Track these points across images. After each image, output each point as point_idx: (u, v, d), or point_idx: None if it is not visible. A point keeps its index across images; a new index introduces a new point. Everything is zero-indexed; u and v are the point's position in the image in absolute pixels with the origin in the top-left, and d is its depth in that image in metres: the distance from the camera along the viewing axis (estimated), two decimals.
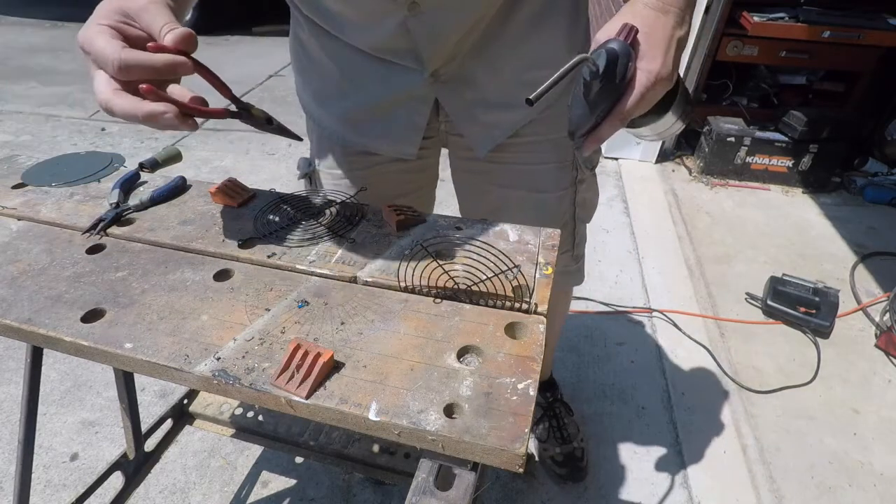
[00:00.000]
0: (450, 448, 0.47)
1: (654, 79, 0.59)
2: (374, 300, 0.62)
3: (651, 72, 0.59)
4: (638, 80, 0.59)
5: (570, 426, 1.47)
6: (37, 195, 0.82)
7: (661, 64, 0.59)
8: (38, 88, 3.92)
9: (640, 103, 0.60)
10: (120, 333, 0.57)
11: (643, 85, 0.59)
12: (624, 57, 0.58)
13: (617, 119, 0.61)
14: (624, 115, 0.60)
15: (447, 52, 0.77)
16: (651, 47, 0.59)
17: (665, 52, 0.59)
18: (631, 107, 0.60)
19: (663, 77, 0.60)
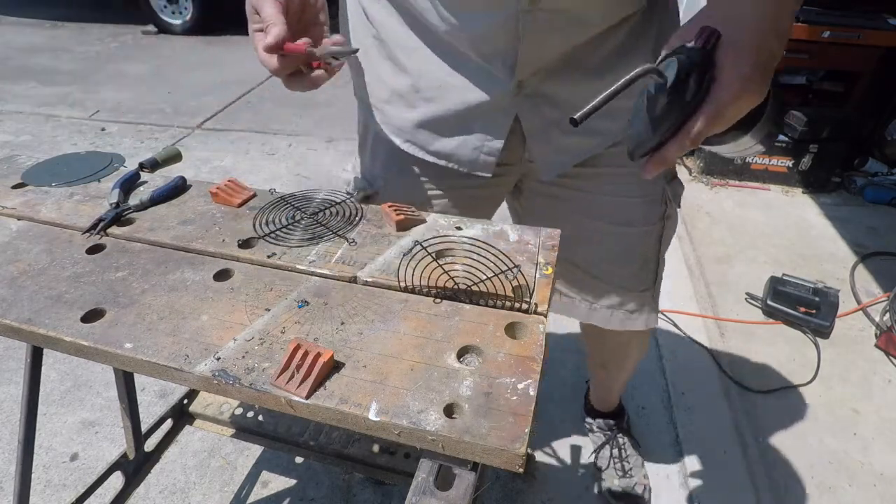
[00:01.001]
0: (450, 448, 0.47)
1: (735, 94, 0.50)
2: (374, 300, 0.62)
3: (732, 86, 0.49)
4: (715, 96, 0.50)
5: (632, 459, 1.39)
6: (37, 195, 0.82)
7: (747, 78, 0.49)
8: (38, 88, 3.92)
9: (716, 122, 0.51)
10: (120, 333, 0.57)
11: (721, 102, 0.50)
12: (699, 67, 0.49)
13: (686, 139, 0.53)
14: (695, 135, 0.52)
15: (542, 61, 0.74)
16: (735, 56, 0.50)
17: (753, 63, 0.49)
18: (704, 126, 0.51)
19: (748, 93, 0.50)
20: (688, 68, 0.50)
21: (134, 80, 4.13)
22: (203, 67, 4.38)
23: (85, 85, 4.00)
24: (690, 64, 0.50)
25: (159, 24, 5.21)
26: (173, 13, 5.17)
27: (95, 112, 3.54)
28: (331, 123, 3.36)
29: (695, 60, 0.50)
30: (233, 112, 3.55)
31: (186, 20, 5.16)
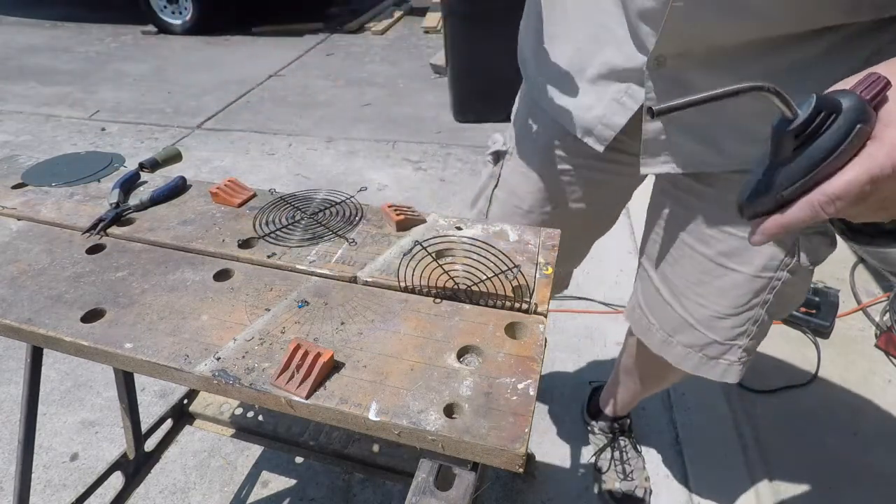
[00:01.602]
0: (450, 448, 0.47)
1: (894, 166, 0.38)
2: (374, 300, 0.62)
3: (894, 153, 0.38)
4: (871, 156, 0.39)
5: (634, 461, 1.37)
6: (37, 195, 0.82)
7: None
8: (37, 88, 3.92)
9: (867, 195, 0.40)
10: (120, 333, 0.57)
11: (878, 167, 0.38)
12: (850, 113, 0.39)
13: (817, 203, 0.41)
14: (827, 199, 0.40)
15: (693, 42, 0.63)
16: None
17: None
18: (847, 192, 0.40)
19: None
20: (830, 109, 0.40)
21: (134, 80, 4.13)
22: (203, 67, 4.38)
23: (85, 85, 4.00)
24: (833, 105, 0.40)
25: (159, 24, 5.22)
26: (173, 13, 5.17)
27: (95, 112, 3.54)
28: (330, 123, 3.36)
29: (842, 104, 0.40)
30: (233, 112, 3.55)
31: (186, 20, 5.16)
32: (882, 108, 0.40)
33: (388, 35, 5.38)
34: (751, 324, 0.83)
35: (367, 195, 0.82)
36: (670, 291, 0.88)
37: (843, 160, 0.40)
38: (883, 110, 0.40)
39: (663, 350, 0.92)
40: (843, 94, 0.40)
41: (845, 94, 0.40)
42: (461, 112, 3.32)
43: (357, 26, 5.45)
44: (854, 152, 0.40)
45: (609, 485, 1.34)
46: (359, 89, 3.94)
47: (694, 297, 0.84)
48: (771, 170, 0.44)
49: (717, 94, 0.41)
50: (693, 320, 0.86)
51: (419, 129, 3.29)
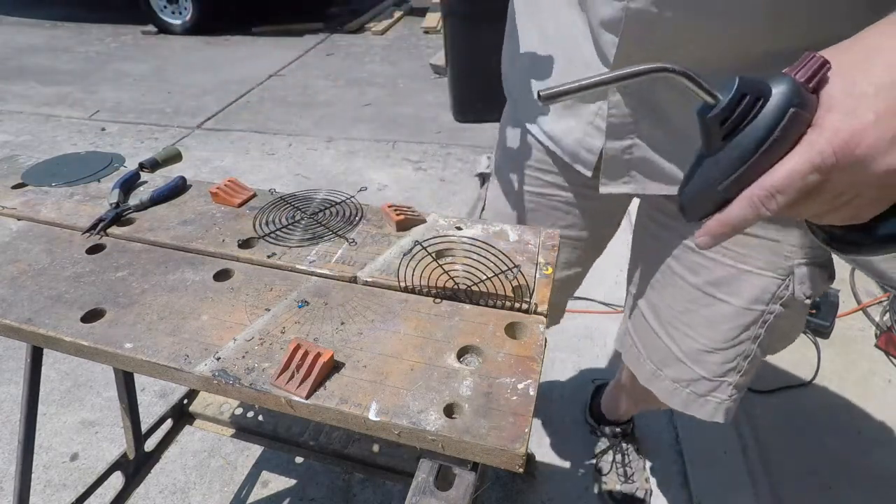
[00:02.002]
0: (450, 448, 0.47)
1: (844, 151, 0.34)
2: (374, 300, 0.62)
3: (840, 136, 0.34)
4: (808, 143, 0.36)
5: (635, 463, 1.35)
6: (37, 195, 0.82)
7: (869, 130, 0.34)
8: (37, 88, 3.92)
9: (803, 189, 0.36)
10: (120, 333, 0.57)
11: (816, 153, 0.35)
12: (781, 97, 0.35)
13: (756, 198, 0.37)
14: (766, 193, 0.37)
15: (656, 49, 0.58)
16: (857, 98, 0.34)
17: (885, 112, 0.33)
18: (781, 185, 0.36)
19: (873, 159, 0.34)
20: (754, 91, 0.36)
21: (134, 80, 4.13)
22: (203, 67, 4.39)
23: (85, 85, 4.00)
24: (762, 88, 0.36)
25: (159, 24, 5.22)
26: (173, 13, 5.17)
27: (95, 112, 3.54)
28: (330, 123, 3.36)
29: (771, 87, 0.36)
30: (233, 112, 3.55)
31: (186, 20, 5.16)
32: (822, 91, 0.36)
33: (388, 35, 5.38)
34: (741, 359, 0.78)
35: (367, 195, 0.82)
36: (657, 320, 0.84)
37: (781, 150, 0.36)
38: (823, 93, 0.36)
39: (652, 383, 0.88)
40: (774, 76, 0.37)
41: (777, 76, 0.37)
42: (461, 112, 3.33)
43: (357, 26, 5.45)
44: (793, 140, 0.36)
45: (610, 486, 1.34)
46: (359, 89, 3.94)
47: (681, 328, 0.80)
48: (705, 163, 0.40)
49: (614, 76, 0.38)
50: (680, 353, 0.81)
51: (419, 129, 3.29)
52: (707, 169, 0.40)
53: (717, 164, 0.39)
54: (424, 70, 4.29)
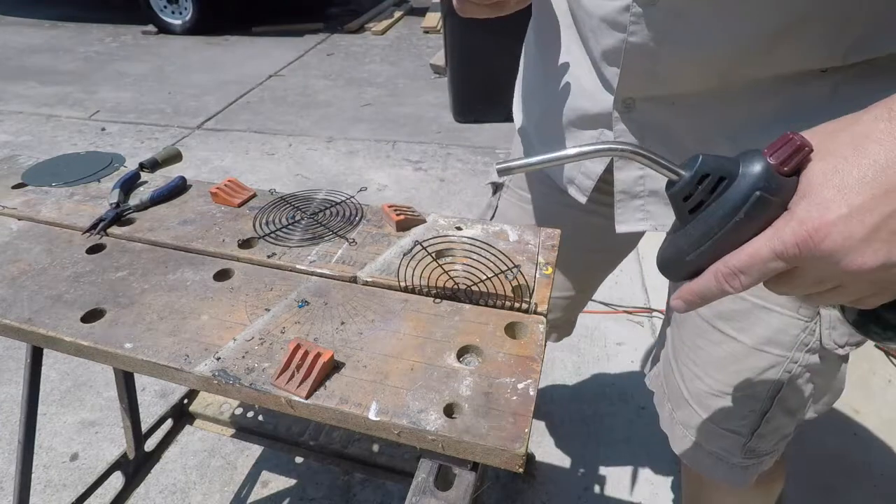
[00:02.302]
0: (450, 448, 0.47)
1: (810, 244, 0.33)
2: (374, 300, 0.62)
3: (806, 227, 0.33)
4: (774, 229, 0.35)
5: None
6: (37, 195, 0.82)
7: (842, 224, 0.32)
8: (37, 88, 3.92)
9: (765, 272, 0.36)
10: (120, 333, 0.57)
11: (779, 242, 0.34)
12: (747, 179, 0.35)
13: (720, 274, 0.37)
14: (729, 271, 0.37)
15: (658, 82, 0.58)
16: (836, 188, 0.33)
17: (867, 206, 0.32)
18: (744, 266, 0.36)
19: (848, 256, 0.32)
20: (717, 171, 0.36)
21: (134, 80, 4.13)
22: (203, 67, 4.39)
23: (85, 85, 4.00)
24: (727, 168, 0.36)
25: (159, 24, 5.22)
26: (173, 13, 5.17)
27: (95, 112, 3.54)
28: (330, 123, 3.36)
29: (739, 167, 0.36)
30: (233, 112, 3.55)
31: (186, 20, 5.16)
32: (803, 174, 0.35)
33: (388, 35, 5.38)
34: (755, 416, 0.68)
35: (367, 195, 0.82)
36: (674, 354, 0.77)
37: (748, 230, 0.36)
38: (803, 176, 0.34)
39: (668, 426, 0.81)
40: (747, 155, 0.36)
41: (750, 155, 0.36)
42: (461, 112, 3.33)
43: (357, 26, 5.45)
44: (763, 221, 0.35)
45: None
46: (359, 89, 3.94)
47: (690, 365, 0.73)
48: (678, 232, 0.40)
49: (573, 154, 0.39)
50: (687, 393, 0.74)
51: (419, 130, 3.29)
52: (678, 238, 0.40)
53: (686, 235, 0.39)
54: (424, 70, 4.29)
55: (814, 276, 0.35)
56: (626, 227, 0.69)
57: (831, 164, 0.33)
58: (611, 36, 0.57)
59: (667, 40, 0.54)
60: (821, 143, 0.35)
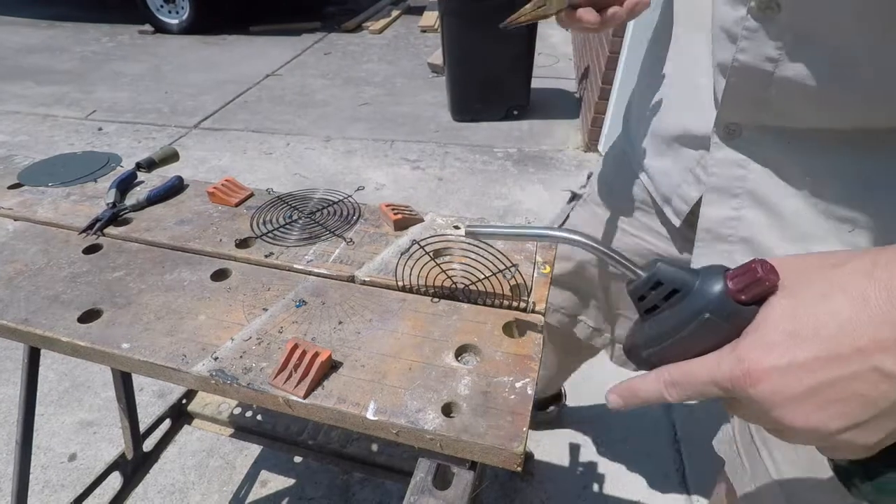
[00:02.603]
0: (448, 447, 0.47)
1: (738, 382, 0.32)
2: (372, 300, 0.62)
3: (742, 370, 0.31)
4: (718, 356, 0.34)
5: None
6: (33, 195, 0.82)
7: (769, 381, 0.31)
8: (34, 88, 3.90)
9: (701, 393, 0.35)
10: (117, 333, 0.57)
11: (717, 372, 0.33)
12: (697, 298, 0.35)
13: (662, 380, 0.36)
14: (669, 380, 0.36)
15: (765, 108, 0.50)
16: (781, 332, 0.31)
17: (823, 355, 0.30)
18: (681, 380, 0.35)
19: (755, 400, 0.31)
20: (671, 282, 0.36)
21: (131, 79, 4.12)
22: (200, 67, 4.37)
23: (82, 85, 3.98)
24: (680, 282, 0.36)
25: (156, 23, 5.20)
26: (170, 13, 5.16)
27: (92, 112, 3.52)
28: (328, 123, 3.36)
29: (694, 284, 0.35)
30: (230, 111, 3.55)
31: (183, 20, 5.15)
32: (765, 305, 0.33)
33: (386, 34, 5.38)
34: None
35: (364, 194, 0.82)
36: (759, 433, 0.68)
37: (697, 346, 0.35)
38: (764, 307, 0.33)
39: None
40: (709, 271, 0.35)
41: (711, 272, 0.35)
42: (459, 111, 3.32)
43: (354, 25, 5.44)
44: (712, 342, 0.34)
45: None
46: (356, 88, 3.93)
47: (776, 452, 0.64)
48: (640, 324, 0.40)
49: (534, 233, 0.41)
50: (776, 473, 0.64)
51: (417, 129, 3.29)
52: (638, 331, 0.40)
53: (643, 331, 0.39)
54: (422, 69, 4.28)
55: (752, 414, 0.34)
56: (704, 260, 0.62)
57: (791, 306, 0.31)
58: (726, 49, 0.51)
59: (785, 64, 0.46)
60: (792, 277, 0.33)
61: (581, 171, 2.79)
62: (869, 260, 0.30)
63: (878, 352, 0.28)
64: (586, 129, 2.97)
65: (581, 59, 3.83)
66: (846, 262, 0.31)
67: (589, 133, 2.92)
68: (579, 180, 0.95)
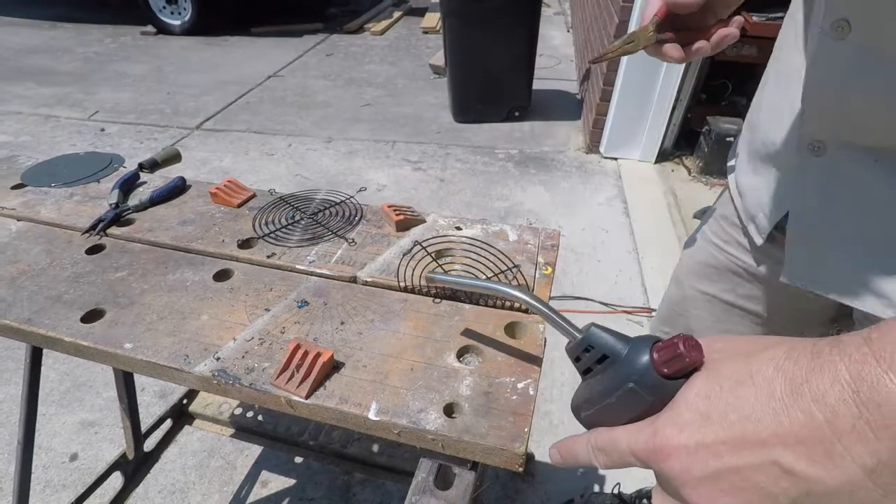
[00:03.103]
0: (449, 447, 0.47)
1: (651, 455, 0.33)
2: (374, 300, 0.62)
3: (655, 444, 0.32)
4: (638, 428, 0.34)
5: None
6: (36, 196, 0.82)
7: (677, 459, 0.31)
8: (36, 89, 3.91)
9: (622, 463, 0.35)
10: (119, 333, 0.57)
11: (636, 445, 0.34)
12: (621, 367, 0.35)
13: (589, 444, 0.37)
14: (595, 444, 0.36)
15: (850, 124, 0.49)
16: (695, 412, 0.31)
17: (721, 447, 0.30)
18: (604, 446, 0.36)
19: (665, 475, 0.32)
20: (601, 348, 0.37)
21: (133, 80, 4.13)
22: (202, 68, 4.38)
23: (84, 85, 3.99)
24: (609, 349, 0.37)
25: (158, 24, 5.21)
26: (172, 14, 5.17)
27: (95, 113, 3.53)
28: (330, 123, 3.36)
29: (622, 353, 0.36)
30: (232, 112, 3.55)
31: (185, 21, 5.16)
32: (687, 381, 0.33)
33: (388, 35, 5.38)
34: None
35: (366, 195, 0.82)
36: None
37: (623, 413, 0.35)
38: (687, 384, 0.33)
39: None
40: (638, 342, 0.36)
41: (640, 343, 0.35)
42: (460, 112, 3.33)
43: (356, 27, 5.45)
44: (637, 411, 0.34)
45: None
46: (358, 89, 3.94)
47: None
48: (582, 384, 0.40)
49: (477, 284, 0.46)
50: None
51: (418, 130, 3.29)
52: (578, 390, 0.40)
53: (581, 391, 0.39)
54: (424, 70, 4.29)
55: (666, 487, 0.33)
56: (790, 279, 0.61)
57: (707, 387, 0.31)
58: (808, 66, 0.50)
59: (858, 81, 0.46)
60: (717, 357, 0.33)
61: (582, 173, 2.79)
62: (782, 350, 0.30)
63: (779, 446, 0.27)
64: (588, 130, 2.97)
65: (582, 60, 3.83)
66: (764, 350, 0.31)
67: (590, 134, 2.92)
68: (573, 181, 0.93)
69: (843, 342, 0.27)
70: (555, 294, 1.96)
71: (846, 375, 0.26)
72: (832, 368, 0.26)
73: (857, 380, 0.25)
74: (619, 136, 2.83)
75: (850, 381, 0.26)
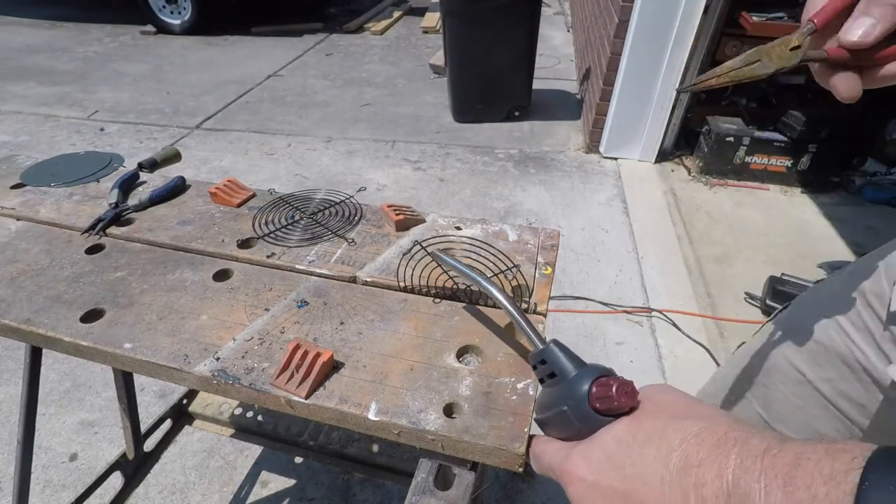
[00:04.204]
0: (449, 448, 0.47)
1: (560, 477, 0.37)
2: (374, 300, 0.62)
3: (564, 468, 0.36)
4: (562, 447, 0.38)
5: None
6: (36, 195, 0.82)
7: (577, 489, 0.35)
8: (36, 88, 3.91)
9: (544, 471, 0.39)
10: (119, 333, 0.57)
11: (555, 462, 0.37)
12: (563, 389, 0.38)
13: (531, 451, 0.42)
14: (532, 449, 0.42)
15: None
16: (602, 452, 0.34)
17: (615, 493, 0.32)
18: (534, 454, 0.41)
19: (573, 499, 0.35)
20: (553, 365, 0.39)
21: (133, 80, 4.12)
22: (202, 67, 4.38)
23: (84, 85, 3.99)
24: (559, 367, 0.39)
25: (158, 24, 5.21)
26: (172, 13, 5.17)
27: (94, 112, 3.53)
28: (329, 123, 3.36)
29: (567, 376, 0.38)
30: (232, 112, 3.55)
31: (185, 20, 5.15)
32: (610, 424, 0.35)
33: (388, 35, 5.38)
34: None
35: (366, 195, 0.82)
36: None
37: (558, 429, 0.38)
38: (608, 426, 0.35)
39: None
40: (585, 371, 0.37)
41: (585, 373, 0.37)
42: (460, 112, 3.33)
43: (356, 26, 5.45)
44: (567, 432, 0.37)
45: None
46: (358, 89, 3.94)
47: None
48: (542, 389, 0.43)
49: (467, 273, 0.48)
50: None
51: (418, 129, 3.29)
52: (539, 393, 0.43)
53: (539, 395, 0.42)
54: (423, 70, 4.29)
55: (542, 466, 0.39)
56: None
57: (624, 434, 0.34)
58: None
59: None
60: (650, 408, 0.35)
61: (582, 173, 2.79)
62: (697, 427, 0.31)
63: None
64: (587, 130, 2.97)
65: (582, 60, 3.83)
66: (685, 419, 0.32)
67: (590, 134, 2.92)
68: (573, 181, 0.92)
69: (751, 444, 0.28)
70: (555, 294, 1.96)
71: (729, 476, 0.27)
72: (723, 464, 0.28)
73: (735, 485, 0.27)
74: (619, 136, 2.83)
75: (731, 483, 0.27)
